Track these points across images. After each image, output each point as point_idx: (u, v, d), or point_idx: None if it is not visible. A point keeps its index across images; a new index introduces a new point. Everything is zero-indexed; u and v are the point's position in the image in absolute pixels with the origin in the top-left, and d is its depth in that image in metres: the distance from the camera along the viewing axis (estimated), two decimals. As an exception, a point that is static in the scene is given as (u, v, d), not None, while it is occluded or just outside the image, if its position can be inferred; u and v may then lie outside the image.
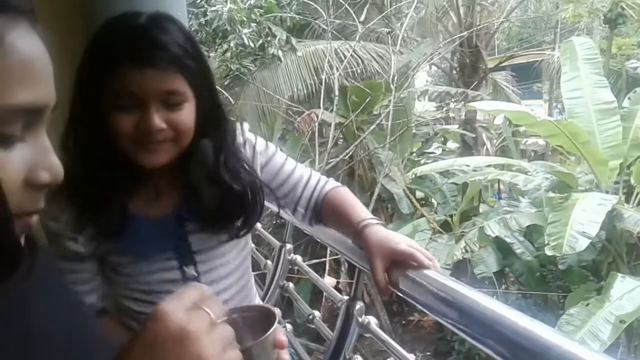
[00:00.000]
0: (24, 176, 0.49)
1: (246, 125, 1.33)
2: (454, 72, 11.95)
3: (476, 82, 10.71)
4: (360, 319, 1.50)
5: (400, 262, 1.15)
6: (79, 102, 1.09)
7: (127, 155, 1.10)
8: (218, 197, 1.18)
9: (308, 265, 2.47)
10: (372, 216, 1.27)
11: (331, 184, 1.40)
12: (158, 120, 1.05)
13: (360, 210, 1.29)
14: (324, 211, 1.36)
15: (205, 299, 0.58)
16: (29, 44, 0.48)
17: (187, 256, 1.21)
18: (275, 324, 0.77)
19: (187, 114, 1.09)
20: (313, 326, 1.97)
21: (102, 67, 1.05)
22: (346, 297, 1.58)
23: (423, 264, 1.12)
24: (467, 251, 8.01)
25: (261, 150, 1.31)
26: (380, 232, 1.20)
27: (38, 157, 0.50)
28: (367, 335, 1.51)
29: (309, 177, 1.37)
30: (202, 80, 1.13)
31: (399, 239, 1.18)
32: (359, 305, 1.51)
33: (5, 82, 0.46)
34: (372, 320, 1.50)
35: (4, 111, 0.46)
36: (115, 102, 1.05)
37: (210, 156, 1.17)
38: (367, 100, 8.66)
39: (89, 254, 1.18)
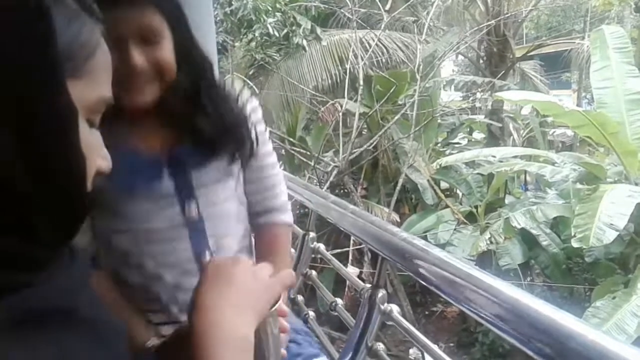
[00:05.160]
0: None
1: (247, 92, 1.31)
2: (481, 61, 11.79)
3: (503, 72, 10.55)
4: (382, 307, 1.50)
5: None
6: None
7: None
8: (205, 124, 1.16)
9: (331, 254, 2.47)
10: None
11: (284, 217, 1.38)
12: (138, 56, 1.05)
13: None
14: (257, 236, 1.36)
15: None
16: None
17: (187, 191, 1.18)
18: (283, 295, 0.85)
19: (168, 49, 1.08)
20: (336, 314, 1.98)
21: None
22: (369, 285, 1.58)
23: None
24: (492, 242, 7.96)
25: (256, 119, 1.30)
26: None
27: (100, 147, 0.57)
28: (390, 323, 1.51)
29: (280, 186, 1.37)
30: (177, 15, 1.12)
31: None
32: (381, 293, 1.52)
33: (106, 77, 0.55)
34: (394, 308, 1.50)
35: (102, 102, 0.55)
36: None
37: (189, 85, 1.15)
38: (391, 90, 8.60)
39: None
